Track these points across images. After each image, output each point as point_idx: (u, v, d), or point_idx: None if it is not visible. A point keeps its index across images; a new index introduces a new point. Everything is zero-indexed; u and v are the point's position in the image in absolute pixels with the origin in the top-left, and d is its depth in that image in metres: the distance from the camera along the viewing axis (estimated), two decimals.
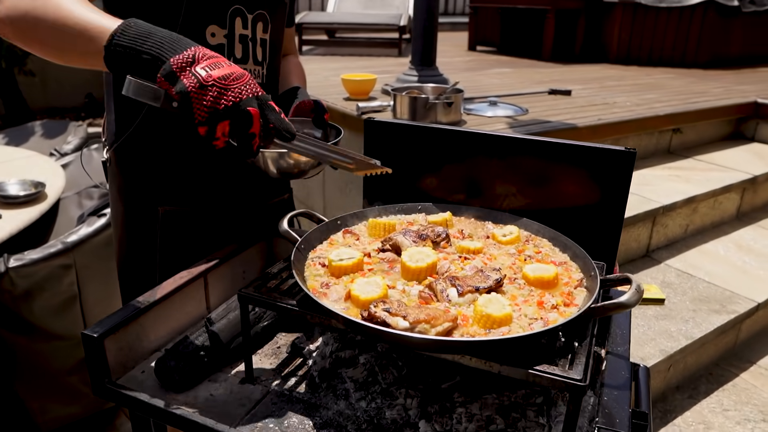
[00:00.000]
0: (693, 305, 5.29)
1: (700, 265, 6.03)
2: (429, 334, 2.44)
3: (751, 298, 5.58)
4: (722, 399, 4.74)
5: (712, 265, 6.05)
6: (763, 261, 6.26)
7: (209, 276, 3.75)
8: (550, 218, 3.63)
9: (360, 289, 2.72)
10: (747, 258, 6.25)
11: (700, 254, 6.46)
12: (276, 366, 3.30)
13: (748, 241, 6.65)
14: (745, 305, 5.52)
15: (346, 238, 3.41)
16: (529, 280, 2.94)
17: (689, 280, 5.65)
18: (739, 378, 5.10)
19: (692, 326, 4.90)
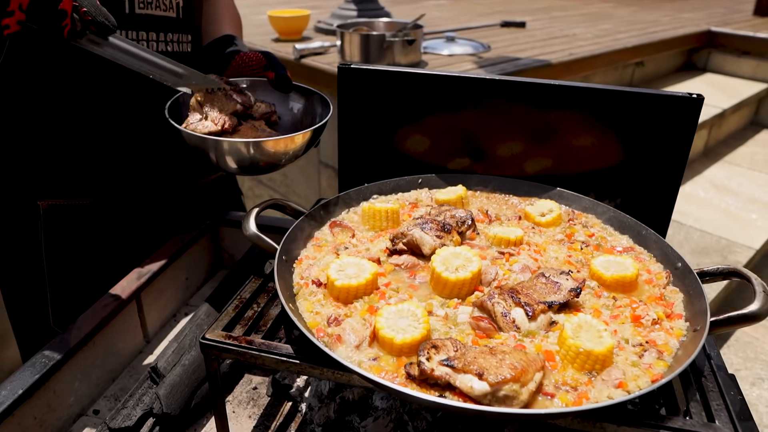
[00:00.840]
0: (695, 259, 4.88)
1: (686, 211, 5.62)
2: (520, 397, 1.63)
3: (749, 245, 5.25)
4: (731, 357, 4.43)
5: (698, 210, 5.67)
6: (743, 201, 5.95)
7: (143, 295, 2.74)
8: (579, 183, 2.88)
9: (391, 325, 1.85)
10: (728, 199, 5.93)
11: (682, 198, 6.05)
12: (258, 420, 2.40)
13: (722, 179, 6.33)
14: (746, 254, 5.20)
15: (338, 236, 2.49)
16: (605, 283, 2.18)
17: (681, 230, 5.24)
18: (741, 332, 4.80)
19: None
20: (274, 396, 2.50)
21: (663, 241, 2.38)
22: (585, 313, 2.03)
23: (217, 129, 2.45)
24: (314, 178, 5.96)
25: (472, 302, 2.04)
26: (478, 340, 1.89)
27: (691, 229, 5.28)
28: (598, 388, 1.72)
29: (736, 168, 6.52)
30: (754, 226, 5.36)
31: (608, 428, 1.72)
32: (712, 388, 1.87)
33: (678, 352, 1.88)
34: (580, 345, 1.77)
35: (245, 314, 2.13)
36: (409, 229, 2.32)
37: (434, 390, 1.70)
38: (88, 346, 2.39)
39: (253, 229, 2.28)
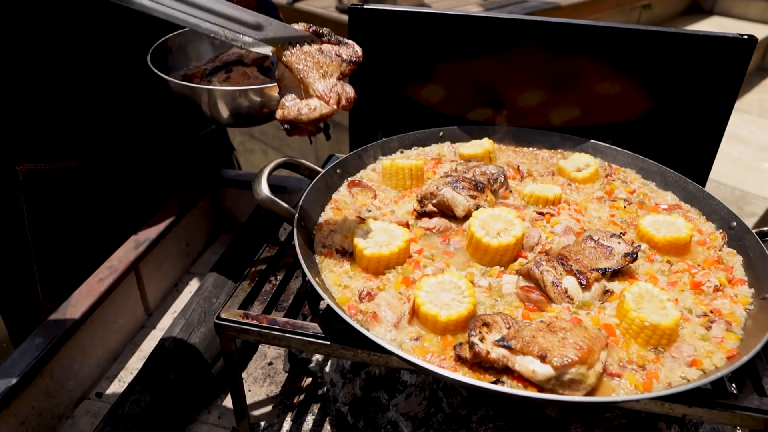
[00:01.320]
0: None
1: None
2: (588, 381, 1.45)
3: (764, 196, 5.08)
4: None
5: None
6: (755, 150, 5.74)
7: (142, 265, 2.50)
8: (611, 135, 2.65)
9: (433, 300, 1.65)
10: (739, 148, 5.72)
11: None
12: (276, 398, 2.22)
13: (731, 127, 6.10)
14: (761, 204, 5.03)
15: (357, 197, 2.26)
16: (656, 246, 1.99)
17: None
18: None
19: None
20: (291, 372, 2.32)
21: (713, 197, 2.19)
22: (639, 280, 1.85)
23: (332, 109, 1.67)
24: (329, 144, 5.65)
25: (516, 270, 1.84)
26: (528, 314, 1.70)
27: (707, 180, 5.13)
28: (668, 366, 1.55)
29: (746, 115, 6.32)
30: (766, 174, 5.22)
31: (676, 409, 1.56)
32: None
33: (747, 323, 1.71)
34: (645, 318, 1.59)
35: (262, 288, 1.91)
36: (439, 189, 2.09)
37: (488, 374, 1.51)
38: (86, 324, 2.17)
39: (266, 193, 2.02)
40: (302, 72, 1.63)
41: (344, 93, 1.65)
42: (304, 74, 1.63)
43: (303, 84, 1.64)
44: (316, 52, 1.66)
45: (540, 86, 2.70)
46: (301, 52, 1.64)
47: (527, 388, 1.47)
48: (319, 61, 1.65)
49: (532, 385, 1.48)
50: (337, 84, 1.64)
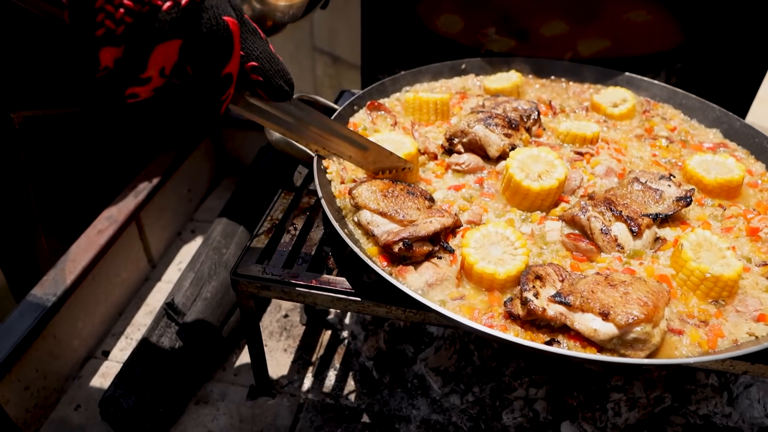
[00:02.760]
0: None
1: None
2: (652, 340, 1.33)
3: None
4: None
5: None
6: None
7: (143, 215, 2.32)
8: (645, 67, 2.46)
9: (485, 256, 1.49)
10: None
11: None
12: (295, 353, 2.10)
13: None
14: None
15: (377, 121, 2.07)
16: (706, 188, 1.84)
17: None
18: None
19: None
20: (309, 324, 2.19)
21: (762, 134, 2.02)
22: (692, 225, 1.71)
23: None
24: (308, 67, 5.30)
25: (558, 216, 1.69)
26: (578, 264, 1.56)
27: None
28: (732, 321, 1.43)
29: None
30: None
31: (738, 366, 1.46)
32: None
33: None
34: (706, 269, 1.46)
35: (281, 240, 1.75)
36: (471, 126, 1.90)
37: (543, 332, 1.39)
38: (87, 280, 2.01)
39: (278, 135, 1.84)
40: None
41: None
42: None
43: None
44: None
45: (559, 16, 2.48)
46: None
47: (586, 348, 1.35)
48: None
49: (590, 345, 1.36)
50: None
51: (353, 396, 1.95)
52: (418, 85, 2.31)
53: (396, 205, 1.64)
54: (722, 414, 1.94)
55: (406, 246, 1.53)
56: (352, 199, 1.69)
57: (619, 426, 1.85)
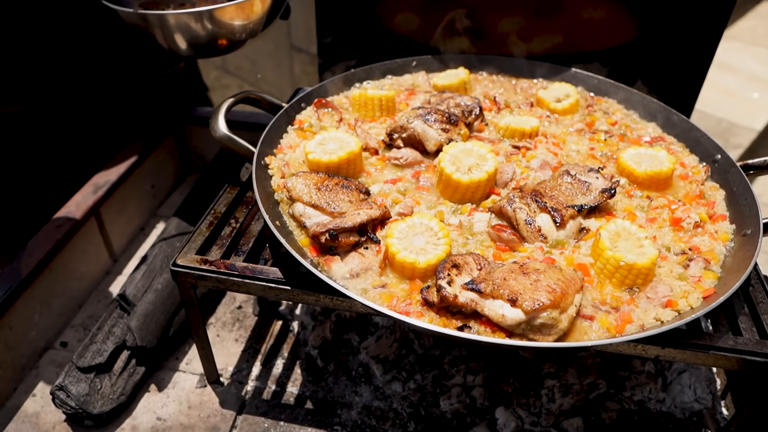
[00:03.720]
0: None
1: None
2: (560, 326, 1.39)
3: (750, 127, 4.92)
4: None
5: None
6: (744, 79, 5.52)
7: (103, 210, 2.39)
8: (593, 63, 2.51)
9: (407, 246, 1.55)
10: (728, 77, 5.51)
11: None
12: (246, 343, 2.17)
13: (722, 56, 5.85)
14: (747, 136, 4.88)
15: (323, 118, 2.13)
16: (636, 180, 1.89)
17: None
18: None
19: None
20: (261, 315, 2.26)
21: (697, 128, 2.08)
22: (618, 216, 1.76)
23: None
24: (286, 65, 5.38)
25: (488, 207, 1.75)
26: (500, 254, 1.62)
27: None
28: (642, 307, 1.48)
29: (736, 43, 6.06)
30: (756, 106, 5.02)
31: (650, 350, 1.51)
32: (761, 299, 1.65)
33: (726, 260, 1.64)
34: (621, 257, 1.51)
35: (222, 232, 1.82)
36: (410, 122, 1.97)
37: (456, 318, 1.44)
38: (44, 273, 2.08)
39: (223, 130, 1.90)
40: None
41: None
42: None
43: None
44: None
45: (520, 12, 2.53)
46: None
47: (495, 333, 1.41)
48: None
49: (501, 330, 1.41)
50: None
51: (299, 383, 2.02)
52: (368, 82, 2.37)
53: (328, 197, 1.70)
54: (656, 399, 1.99)
55: (331, 237, 1.59)
56: (287, 192, 1.76)
57: (554, 411, 1.91)
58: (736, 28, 6.51)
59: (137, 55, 2.61)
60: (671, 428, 1.93)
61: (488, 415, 1.91)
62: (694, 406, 1.97)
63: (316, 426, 1.89)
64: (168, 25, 1.98)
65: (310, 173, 1.78)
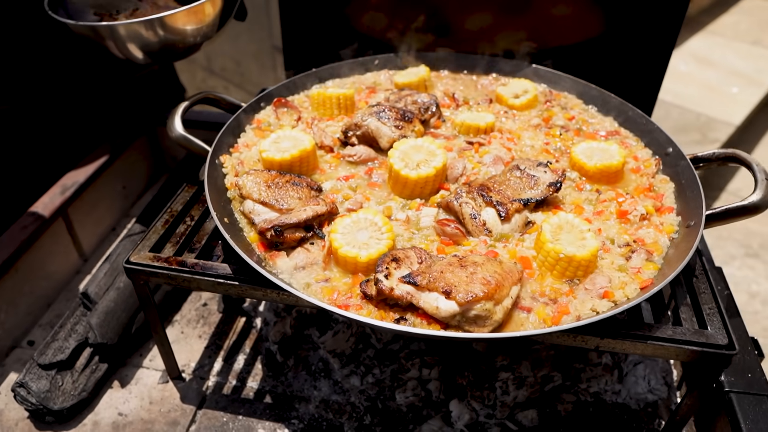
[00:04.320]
0: (673, 138, 4.55)
1: (665, 86, 5.20)
2: (494, 317, 1.41)
3: (728, 121, 4.92)
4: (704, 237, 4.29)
5: (678, 86, 5.29)
6: (725, 74, 5.50)
7: (71, 210, 2.42)
8: (557, 60, 2.52)
9: (350, 241, 1.58)
10: (709, 72, 5.50)
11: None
12: (209, 340, 2.20)
13: (704, 51, 5.86)
14: (725, 130, 4.88)
15: (282, 117, 2.16)
16: (587, 174, 1.91)
17: (660, 107, 4.86)
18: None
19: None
20: (225, 312, 2.29)
21: (652, 122, 2.09)
22: (566, 209, 1.78)
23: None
24: (269, 65, 5.42)
25: (437, 203, 1.77)
26: (444, 248, 1.64)
27: (671, 106, 4.93)
28: (580, 299, 1.50)
29: (718, 38, 6.04)
30: (735, 101, 5.02)
31: (590, 341, 1.53)
32: (704, 290, 1.67)
33: (669, 252, 1.66)
34: (560, 250, 1.53)
35: (176, 230, 1.84)
36: (364, 119, 1.99)
37: (394, 311, 1.47)
38: (10, 273, 2.11)
39: (179, 130, 1.93)
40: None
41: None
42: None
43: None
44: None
45: (489, 9, 2.55)
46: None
47: (431, 325, 1.43)
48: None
49: (436, 322, 1.44)
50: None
51: (259, 379, 2.05)
52: (331, 81, 2.40)
53: (277, 195, 1.73)
54: (612, 391, 2.01)
55: (276, 232, 1.62)
56: (238, 190, 1.79)
57: (508, 404, 1.93)
58: (719, 23, 6.51)
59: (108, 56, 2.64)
60: (626, 419, 1.95)
61: (444, 408, 1.93)
62: (648, 397, 1.99)
63: (274, 420, 1.92)
64: (119, 36, 2.01)
65: (262, 171, 1.81)
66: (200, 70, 5.90)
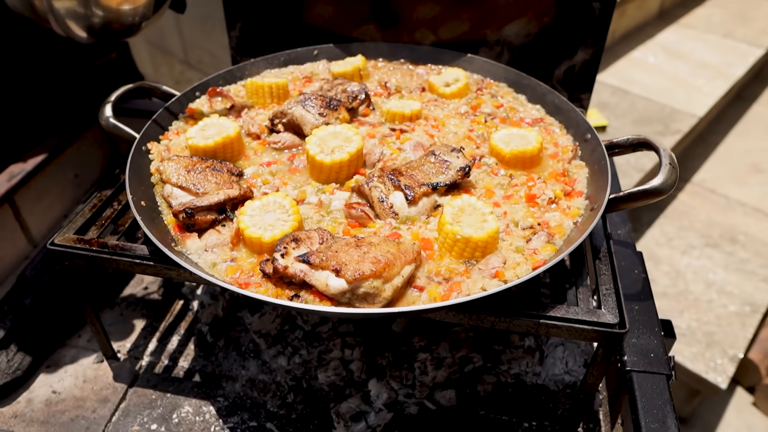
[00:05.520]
0: (636, 128, 4.56)
1: (633, 78, 5.18)
2: (383, 295, 1.46)
3: (692, 113, 4.92)
4: (666, 227, 4.33)
5: (646, 78, 5.28)
6: (694, 67, 5.51)
7: (18, 197, 2.49)
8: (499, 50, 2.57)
9: (257, 223, 1.64)
10: (678, 65, 5.51)
11: (631, 65, 5.56)
12: (146, 322, 2.27)
13: (674, 44, 5.83)
14: (688, 122, 4.88)
15: (215, 106, 2.22)
16: (503, 159, 1.96)
17: (626, 98, 4.89)
18: (677, 201, 4.67)
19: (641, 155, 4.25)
20: (165, 296, 2.35)
21: (575, 110, 2.14)
22: (476, 193, 1.84)
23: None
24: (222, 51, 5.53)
25: (351, 187, 1.83)
26: (350, 230, 1.70)
27: (636, 97, 4.92)
28: (473, 278, 1.55)
29: (690, 31, 6.03)
30: (701, 93, 5.02)
31: (486, 320, 1.59)
32: (605, 271, 1.72)
33: (571, 234, 1.71)
34: (457, 231, 1.59)
35: (103, 213, 1.91)
36: (290, 107, 2.05)
37: (291, 289, 1.53)
38: None
39: (107, 117, 1.99)
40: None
41: None
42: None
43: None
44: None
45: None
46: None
47: (322, 302, 1.49)
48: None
49: (328, 300, 1.50)
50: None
51: (191, 359, 2.11)
52: (269, 70, 2.45)
53: (195, 179, 1.79)
54: (533, 373, 2.07)
55: (187, 214, 1.68)
56: (159, 174, 1.85)
57: (427, 384, 1.99)
58: (693, 15, 6.52)
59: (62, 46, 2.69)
60: (544, 399, 2.01)
61: (366, 388, 1.99)
62: (566, 378, 2.04)
63: (201, 398, 1.98)
64: (57, 12, 2.05)
65: (184, 157, 1.87)
66: (178, 64, 5.97)
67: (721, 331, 3.42)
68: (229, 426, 1.91)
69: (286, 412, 1.94)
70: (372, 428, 1.89)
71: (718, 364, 3.29)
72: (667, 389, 1.70)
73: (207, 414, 1.94)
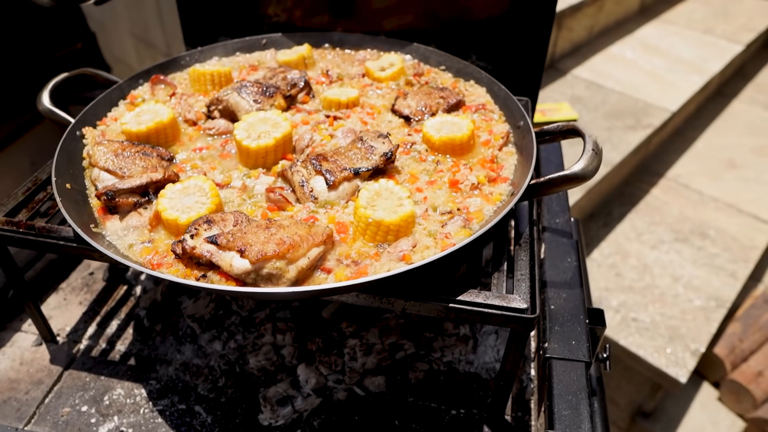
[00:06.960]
0: (607, 122, 4.55)
1: (609, 73, 5.18)
2: (287, 275, 1.48)
3: (665, 107, 4.90)
4: (636, 222, 4.30)
5: (621, 72, 5.25)
6: (671, 62, 5.48)
7: None
8: (451, 39, 2.58)
9: (175, 205, 1.66)
10: (655, 60, 5.49)
11: (608, 60, 5.56)
12: (88, 306, 2.29)
13: (653, 39, 5.80)
14: (660, 116, 4.86)
15: (157, 93, 2.24)
16: (433, 146, 1.97)
17: (600, 92, 4.89)
18: (650, 195, 4.64)
19: (609, 149, 4.26)
20: (109, 281, 2.37)
21: (512, 98, 2.14)
22: (402, 179, 1.84)
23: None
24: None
25: (276, 172, 1.84)
26: (268, 213, 1.71)
27: (611, 92, 4.89)
28: (382, 261, 1.56)
29: (671, 27, 5.99)
30: (676, 88, 4.99)
31: (396, 303, 1.59)
32: (523, 257, 1.73)
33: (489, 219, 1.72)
34: (369, 215, 1.59)
35: (36, 197, 1.93)
36: (226, 94, 2.06)
37: (201, 269, 1.54)
38: None
39: (45, 103, 2.03)
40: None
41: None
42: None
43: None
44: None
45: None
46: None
47: (227, 282, 1.50)
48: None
49: (234, 280, 1.51)
50: None
51: (128, 343, 2.13)
52: (216, 58, 2.47)
53: (123, 163, 1.81)
54: (466, 361, 2.07)
55: (108, 197, 1.70)
56: (88, 158, 1.87)
57: (357, 370, 2.00)
58: (675, 12, 6.49)
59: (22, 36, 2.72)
60: (474, 387, 2.02)
61: (296, 373, 2.01)
62: (496, 366, 2.04)
63: (133, 380, 2.01)
64: None
65: (114, 142, 1.89)
66: (161, 57, 6.02)
67: (684, 326, 3.41)
68: (159, 408, 1.93)
69: (215, 396, 1.96)
70: (299, 413, 1.91)
71: (679, 358, 3.28)
72: (584, 376, 1.71)
73: (138, 396, 1.96)
